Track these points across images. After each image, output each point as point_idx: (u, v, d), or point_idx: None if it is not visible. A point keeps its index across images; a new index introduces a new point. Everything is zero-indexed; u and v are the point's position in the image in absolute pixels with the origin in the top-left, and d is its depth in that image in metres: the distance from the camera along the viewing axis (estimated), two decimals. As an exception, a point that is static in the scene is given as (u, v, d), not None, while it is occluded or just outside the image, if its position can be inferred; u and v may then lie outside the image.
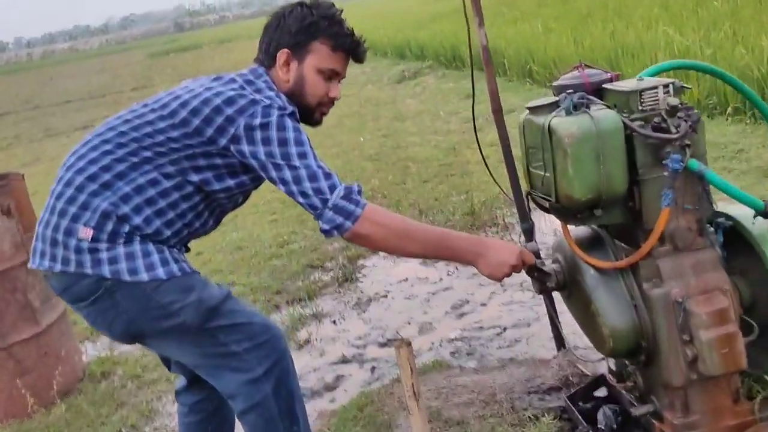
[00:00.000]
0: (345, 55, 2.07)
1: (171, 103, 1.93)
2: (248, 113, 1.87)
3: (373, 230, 1.86)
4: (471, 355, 3.22)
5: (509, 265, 1.92)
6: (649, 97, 1.87)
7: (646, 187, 1.86)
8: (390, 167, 6.85)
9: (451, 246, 1.93)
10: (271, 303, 4.26)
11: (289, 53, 2.03)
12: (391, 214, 1.95)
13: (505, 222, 4.76)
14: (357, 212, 1.84)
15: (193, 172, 1.91)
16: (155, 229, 1.89)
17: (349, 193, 1.86)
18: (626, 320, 1.93)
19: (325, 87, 2.06)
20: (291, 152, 1.85)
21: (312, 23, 2.02)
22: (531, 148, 1.97)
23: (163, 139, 1.89)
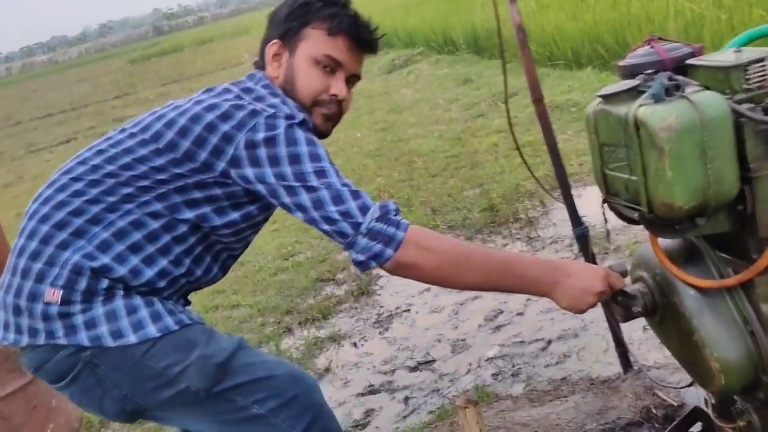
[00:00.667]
0: (348, 40, 1.67)
1: (154, 125, 1.55)
2: (249, 127, 1.50)
3: (421, 257, 1.49)
4: (517, 377, 2.84)
5: (595, 293, 1.54)
6: (755, 72, 1.48)
7: (761, 185, 1.47)
8: (393, 163, 6.46)
9: (520, 274, 1.53)
10: (282, 325, 3.88)
11: (280, 43, 1.67)
12: (440, 236, 1.57)
13: (528, 216, 4.38)
14: (399, 236, 1.47)
15: (187, 207, 1.54)
16: (145, 281, 1.51)
17: (386, 213, 1.49)
18: (741, 351, 1.54)
19: (322, 81, 1.66)
20: (306, 170, 1.48)
21: (304, 4, 1.66)
22: (607, 145, 1.58)
23: (146, 170, 1.51)
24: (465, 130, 6.86)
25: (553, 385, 2.66)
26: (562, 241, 3.93)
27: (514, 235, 4.21)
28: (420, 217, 4.78)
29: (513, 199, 4.67)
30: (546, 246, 3.97)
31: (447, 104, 8.35)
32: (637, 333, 2.79)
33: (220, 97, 1.56)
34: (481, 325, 3.34)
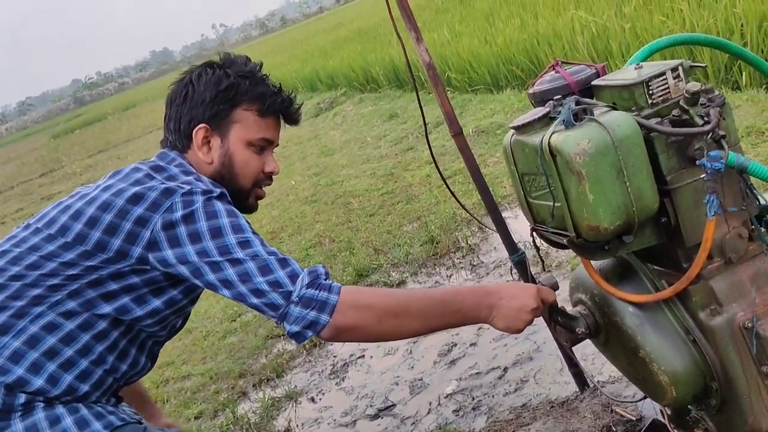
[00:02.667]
0: (275, 118, 1.67)
1: (59, 217, 1.48)
2: (165, 207, 1.43)
3: (359, 317, 1.44)
4: (478, 410, 2.81)
5: (529, 310, 1.54)
6: (657, 86, 1.51)
7: (680, 196, 1.50)
8: (330, 207, 6.43)
9: (458, 308, 1.52)
10: (236, 390, 3.77)
11: (208, 128, 1.62)
12: (375, 291, 1.55)
13: (468, 244, 4.39)
14: (332, 300, 1.42)
15: (104, 301, 1.46)
16: (65, 388, 1.42)
17: (315, 279, 1.44)
18: (687, 361, 1.55)
19: (258, 162, 1.65)
20: (230, 242, 1.43)
21: (230, 86, 1.61)
22: (527, 174, 1.59)
23: (54, 267, 1.43)
24: (396, 166, 6.89)
25: (515, 414, 2.63)
26: (505, 265, 3.94)
27: (458, 265, 4.21)
28: (363, 258, 4.74)
29: (451, 228, 4.68)
30: (490, 272, 3.98)
31: (376, 141, 8.39)
32: (589, 348, 2.77)
33: (128, 179, 1.50)
34: (436, 361, 3.30)
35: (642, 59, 1.73)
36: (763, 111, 4.49)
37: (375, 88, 11.81)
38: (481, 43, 8.98)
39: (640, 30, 6.08)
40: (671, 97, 1.51)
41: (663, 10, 6.14)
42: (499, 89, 8.18)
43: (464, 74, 8.91)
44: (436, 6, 15.47)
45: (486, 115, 7.18)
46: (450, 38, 10.26)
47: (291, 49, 24.64)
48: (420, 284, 4.16)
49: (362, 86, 12.49)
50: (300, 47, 23.83)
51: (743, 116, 4.52)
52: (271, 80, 1.68)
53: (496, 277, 3.87)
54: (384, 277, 4.38)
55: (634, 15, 6.43)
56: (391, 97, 10.82)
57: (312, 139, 10.51)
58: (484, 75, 8.49)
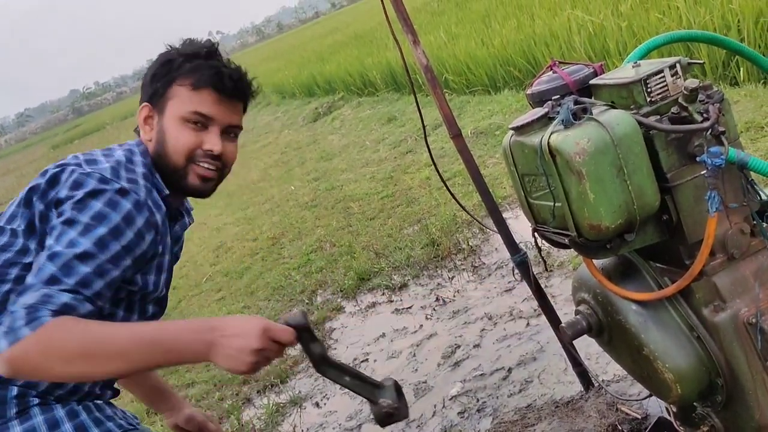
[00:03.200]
0: (214, 92, 1.56)
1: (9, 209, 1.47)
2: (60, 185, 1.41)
3: (41, 358, 1.26)
4: (483, 412, 2.80)
5: (249, 351, 1.34)
6: (656, 84, 1.51)
7: (680, 193, 1.50)
8: (330, 212, 6.43)
9: (170, 347, 1.35)
10: (241, 397, 3.76)
11: (150, 106, 1.58)
12: (75, 328, 1.29)
13: (470, 245, 4.39)
14: (22, 333, 1.25)
15: None
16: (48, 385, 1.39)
17: (40, 304, 1.27)
18: (691, 358, 1.55)
19: (192, 137, 1.54)
20: (81, 218, 1.35)
21: (165, 62, 1.57)
22: (527, 175, 1.59)
23: (9, 257, 1.42)
24: (396, 169, 6.89)
25: (520, 415, 2.63)
26: (507, 266, 3.93)
27: (459, 267, 4.21)
28: (364, 262, 4.74)
29: (452, 230, 4.68)
30: (492, 272, 3.97)
31: (375, 145, 8.39)
32: (593, 347, 2.78)
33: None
34: (440, 363, 3.30)
35: (639, 57, 1.73)
36: (761, 106, 4.49)
37: (372, 92, 11.82)
38: (478, 44, 8.99)
39: (636, 28, 6.08)
40: (670, 95, 1.51)
41: (659, 8, 6.14)
42: (496, 90, 8.19)
43: (461, 76, 8.91)
44: (432, 9, 15.49)
45: (484, 117, 7.18)
46: (446, 40, 10.27)
47: (288, 55, 24.67)
48: (422, 287, 4.16)
49: (360, 90, 12.50)
50: (297, 53, 23.87)
51: (742, 112, 4.52)
52: (219, 58, 1.61)
53: (498, 278, 3.87)
54: (386, 280, 4.37)
55: (631, 13, 6.44)
56: (388, 101, 10.83)
57: (311, 144, 10.52)
58: (482, 76, 8.49)
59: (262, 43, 66.33)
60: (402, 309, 4.01)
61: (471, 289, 3.90)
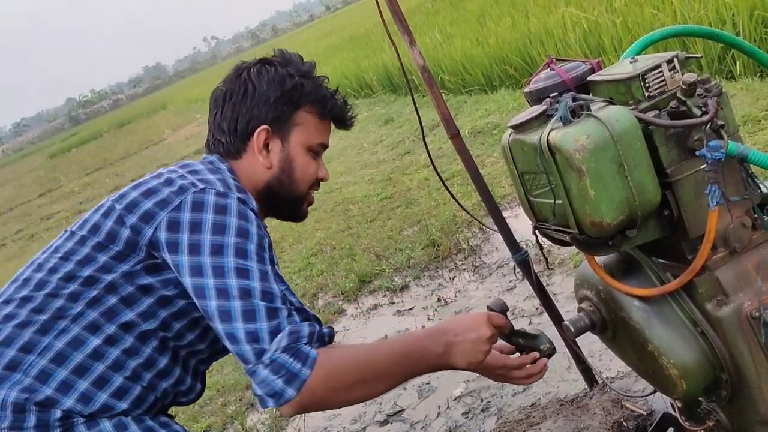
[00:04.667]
0: (333, 123, 1.61)
1: (92, 217, 1.42)
2: (173, 206, 1.35)
3: (327, 393, 1.29)
4: (487, 411, 2.80)
5: (485, 340, 1.45)
6: (654, 79, 1.50)
7: (681, 187, 1.49)
8: (330, 214, 6.42)
9: (419, 356, 1.41)
10: (244, 402, 3.75)
11: (269, 129, 1.53)
12: (346, 357, 1.36)
13: (470, 245, 4.39)
14: (303, 374, 1.26)
15: (126, 306, 1.37)
16: (100, 406, 1.34)
17: (295, 342, 1.28)
18: (696, 354, 1.54)
19: (315, 167, 1.58)
20: (227, 266, 1.31)
21: (295, 86, 1.52)
22: (527, 173, 1.58)
23: (71, 269, 1.37)
24: (394, 170, 6.88)
25: (524, 414, 2.62)
26: (508, 264, 3.93)
27: (460, 267, 4.21)
28: (365, 264, 4.73)
29: (452, 230, 4.68)
30: (493, 272, 3.97)
31: (372, 147, 8.40)
32: (596, 345, 2.78)
33: (156, 179, 1.42)
34: (444, 364, 3.29)
35: (636, 53, 1.72)
36: (758, 99, 4.49)
37: (369, 94, 11.83)
38: (474, 44, 9.00)
39: (631, 24, 6.08)
40: (668, 89, 1.50)
41: (653, 3, 6.15)
42: (493, 89, 8.19)
43: (458, 76, 8.92)
44: (426, 9, 15.50)
45: (481, 116, 7.19)
46: (442, 41, 10.28)
47: (283, 59, 24.67)
48: (423, 288, 4.15)
49: (356, 92, 12.51)
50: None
51: (739, 105, 4.52)
52: (326, 81, 1.62)
53: (499, 278, 3.87)
54: (387, 282, 4.37)
55: (625, 9, 6.44)
56: (385, 102, 10.84)
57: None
58: (478, 76, 8.50)
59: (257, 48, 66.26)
60: (404, 310, 4.00)
61: (472, 288, 3.89)
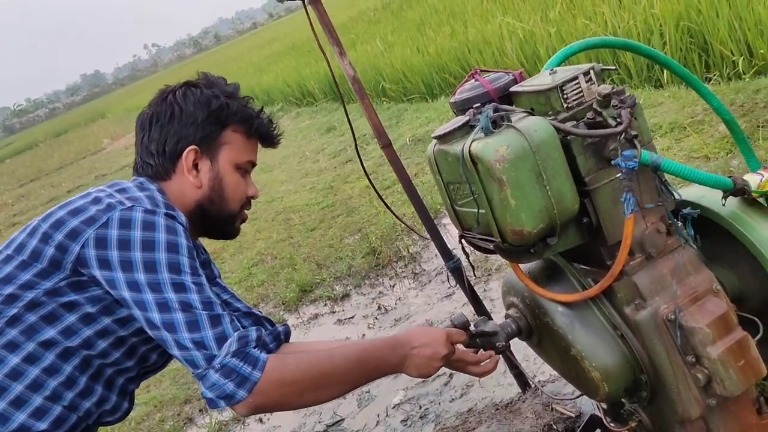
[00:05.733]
0: (260, 141, 1.64)
1: (18, 237, 1.42)
2: (100, 223, 1.35)
3: (281, 396, 1.37)
4: (425, 419, 2.82)
5: (440, 358, 1.58)
6: (571, 90, 1.55)
7: (598, 196, 1.54)
8: (271, 224, 6.39)
9: (375, 364, 1.52)
10: (182, 417, 3.69)
11: (197, 150, 1.54)
12: (298, 361, 1.42)
13: (410, 253, 4.42)
14: (254, 376, 1.33)
15: (47, 324, 1.36)
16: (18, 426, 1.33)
17: (244, 347, 1.35)
18: (616, 357, 1.59)
19: (244, 185, 1.60)
20: (162, 281, 1.33)
21: (221, 107, 1.55)
22: (451, 183, 1.61)
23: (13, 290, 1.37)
24: (336, 179, 6.89)
25: (461, 419, 2.65)
26: (447, 271, 3.97)
27: (400, 274, 4.23)
28: (306, 274, 4.72)
29: (392, 238, 4.70)
30: (432, 279, 4.00)
31: (314, 155, 8.38)
32: (530, 349, 2.83)
33: (84, 198, 1.42)
34: (383, 372, 3.30)
35: (556, 64, 1.77)
36: (684, 107, 4.64)
37: (311, 102, 11.82)
38: (414, 52, 9.08)
39: (565, 34, 6.23)
40: (585, 100, 1.55)
41: (586, 14, 6.31)
42: (433, 97, 8.28)
43: (399, 84, 8.98)
44: (368, 18, 15.58)
45: (422, 124, 7.25)
46: (383, 49, 10.33)
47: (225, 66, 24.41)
48: (364, 296, 4.16)
49: (299, 101, 12.48)
50: (234, 64, 23.66)
51: (666, 113, 4.67)
52: (252, 101, 1.66)
53: (438, 284, 3.90)
54: (328, 291, 4.36)
55: (559, 19, 6.59)
56: (327, 110, 10.84)
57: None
58: (418, 84, 8.57)
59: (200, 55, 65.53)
60: (344, 319, 4.00)
61: (412, 296, 3.92)
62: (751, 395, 1.63)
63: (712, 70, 5.05)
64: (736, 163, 3.56)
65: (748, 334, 1.52)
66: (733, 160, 3.63)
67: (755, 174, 1.62)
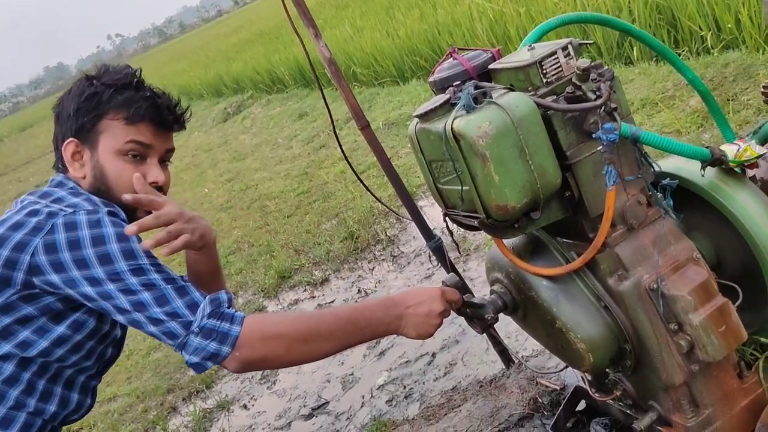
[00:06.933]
0: (152, 126, 1.56)
1: None
2: (45, 230, 1.36)
3: (266, 348, 1.40)
4: (410, 398, 2.84)
5: (436, 315, 1.58)
6: (550, 65, 1.56)
7: (580, 169, 1.55)
8: (247, 212, 6.35)
9: (367, 323, 1.52)
10: (165, 406, 3.68)
11: (77, 142, 1.53)
12: (282, 317, 1.49)
13: (388, 236, 4.43)
14: (234, 331, 1.37)
15: (2, 339, 1.38)
16: None
17: (217, 308, 1.39)
18: (600, 327, 1.62)
19: (134, 171, 1.53)
20: (120, 269, 1.35)
21: (92, 96, 1.52)
22: (434, 161, 1.61)
23: None
24: (310, 164, 6.86)
25: (446, 397, 2.67)
26: (425, 253, 3.99)
27: (379, 257, 4.24)
28: (284, 260, 4.71)
29: (370, 222, 4.71)
30: (411, 261, 4.02)
31: (287, 142, 8.34)
32: (512, 325, 2.86)
33: (20, 211, 1.42)
34: (366, 354, 3.32)
35: (534, 40, 1.78)
36: (655, 83, 4.70)
37: (282, 89, 11.74)
38: (384, 36, 9.05)
39: (534, 13, 6.24)
40: (564, 75, 1.56)
41: (556, -8, 6.32)
42: (404, 81, 8.27)
43: (369, 68, 8.95)
44: (336, 2, 15.48)
45: (394, 107, 7.24)
46: (352, 33, 10.28)
47: (192, 56, 24.13)
48: (343, 280, 4.17)
49: (269, 88, 12.38)
50: (201, 53, 23.39)
51: (637, 89, 4.72)
52: (149, 86, 1.60)
53: (417, 266, 3.92)
54: (307, 276, 4.36)
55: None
56: (298, 97, 10.78)
57: (222, 145, 10.36)
58: (389, 67, 8.55)
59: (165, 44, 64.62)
60: (324, 304, 4.01)
61: (392, 278, 3.93)
62: (732, 360, 1.66)
63: (681, 45, 5.11)
64: (708, 136, 3.62)
65: (728, 301, 1.55)
66: (705, 133, 3.68)
67: (732, 144, 1.65)
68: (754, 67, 4.19)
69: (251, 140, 9.60)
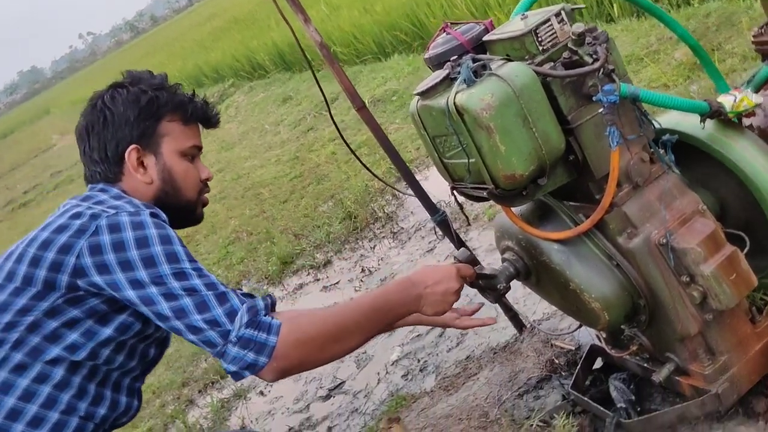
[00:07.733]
0: (197, 124, 1.67)
1: (5, 265, 1.44)
2: (90, 232, 1.39)
3: (302, 354, 1.41)
4: (425, 371, 2.88)
5: (453, 292, 1.62)
6: (545, 32, 1.58)
7: (582, 132, 1.58)
8: (241, 201, 6.36)
9: (388, 308, 1.56)
10: (182, 399, 3.71)
11: (138, 148, 1.57)
12: (312, 318, 1.47)
13: (386, 213, 4.45)
14: (271, 341, 1.38)
15: (50, 344, 1.40)
16: None
17: (255, 316, 1.40)
18: (614, 286, 1.65)
19: (195, 171, 1.64)
20: (164, 273, 1.38)
21: (151, 100, 1.57)
22: (438, 137, 1.63)
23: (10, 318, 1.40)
24: (300, 148, 6.86)
25: (461, 367, 2.71)
26: (425, 227, 4.02)
27: (379, 235, 4.27)
28: (285, 246, 4.73)
29: (366, 201, 4.72)
30: (411, 236, 4.05)
31: (275, 128, 8.32)
32: (519, 291, 2.91)
33: (63, 216, 1.44)
34: (377, 332, 3.35)
35: (525, 9, 1.79)
36: (638, 38, 4.71)
37: (263, 74, 11.67)
38: (361, 13, 9.00)
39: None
40: (559, 41, 1.58)
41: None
42: (386, 56, 8.24)
43: (350, 47, 8.91)
44: (308, -18, 15.34)
45: (379, 84, 7.23)
46: (329, 13, 10.22)
47: (168, 48, 23.93)
48: (346, 260, 4.19)
49: (250, 74, 12.31)
50: (177, 44, 23.18)
51: (621, 46, 4.73)
52: (181, 88, 1.67)
53: (418, 240, 3.95)
54: (309, 260, 4.39)
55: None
56: (281, 81, 10.72)
57: (208, 135, 10.17)
58: (370, 44, 8.52)
59: (138, 39, 64.07)
60: (330, 285, 4.04)
61: (394, 255, 3.96)
62: (744, 307, 1.70)
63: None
64: (695, 87, 3.64)
65: (737, 249, 1.59)
66: (692, 85, 3.71)
67: (728, 95, 1.67)
68: (736, 14, 4.21)
69: (237, 129, 9.57)
